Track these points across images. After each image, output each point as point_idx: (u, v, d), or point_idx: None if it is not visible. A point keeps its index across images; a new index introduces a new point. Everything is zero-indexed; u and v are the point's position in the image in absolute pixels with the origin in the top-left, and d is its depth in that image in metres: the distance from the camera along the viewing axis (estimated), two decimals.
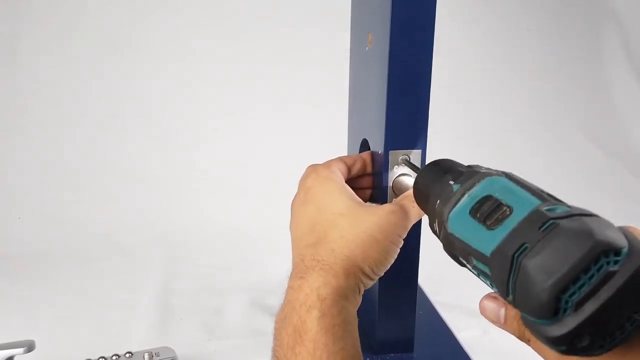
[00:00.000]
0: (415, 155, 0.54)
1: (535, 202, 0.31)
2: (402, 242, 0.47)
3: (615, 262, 0.26)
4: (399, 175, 0.54)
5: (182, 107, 1.27)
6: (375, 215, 0.46)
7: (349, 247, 0.45)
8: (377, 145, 0.55)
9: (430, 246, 0.53)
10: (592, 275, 0.26)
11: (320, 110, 1.24)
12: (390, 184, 0.54)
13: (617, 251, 0.27)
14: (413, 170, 0.51)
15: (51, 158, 1.18)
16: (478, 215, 0.33)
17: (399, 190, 0.54)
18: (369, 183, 0.58)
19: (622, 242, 0.27)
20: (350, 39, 0.67)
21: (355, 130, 0.67)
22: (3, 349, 0.57)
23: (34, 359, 0.60)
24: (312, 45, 1.29)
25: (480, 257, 0.32)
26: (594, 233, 0.27)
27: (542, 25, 1.49)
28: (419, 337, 0.62)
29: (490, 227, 0.31)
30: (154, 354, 0.63)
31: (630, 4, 1.51)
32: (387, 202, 0.54)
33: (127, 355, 0.62)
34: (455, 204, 0.35)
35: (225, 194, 1.16)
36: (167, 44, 1.28)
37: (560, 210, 0.29)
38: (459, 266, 0.38)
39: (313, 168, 0.53)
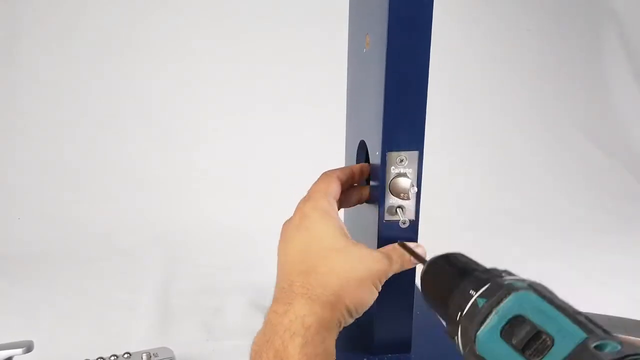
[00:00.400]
0: (412, 156, 0.54)
1: (579, 333, 0.29)
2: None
3: None
4: (396, 176, 0.54)
5: (182, 108, 1.27)
6: (365, 258, 0.48)
7: (339, 283, 0.46)
8: (375, 146, 0.55)
9: (426, 246, 0.53)
10: None
11: (321, 111, 1.24)
12: (387, 184, 0.54)
13: None
14: (418, 260, 0.49)
15: (51, 158, 1.18)
16: (513, 341, 0.31)
17: (395, 191, 0.54)
18: (356, 193, 0.59)
19: None
20: (348, 41, 0.67)
21: (353, 132, 0.67)
22: (2, 350, 0.57)
23: None
24: (312, 45, 1.29)
25: None
26: None
27: (542, 25, 1.49)
28: (416, 337, 0.62)
29: (530, 359, 0.30)
30: (152, 354, 0.63)
31: (630, 4, 1.51)
32: (384, 202, 0.54)
33: (126, 355, 0.62)
34: (483, 321, 0.33)
35: (225, 194, 1.17)
36: (167, 44, 1.28)
37: (611, 350, 0.28)
38: None
39: (311, 196, 0.53)
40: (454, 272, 0.39)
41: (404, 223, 0.54)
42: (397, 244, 0.51)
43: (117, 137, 1.23)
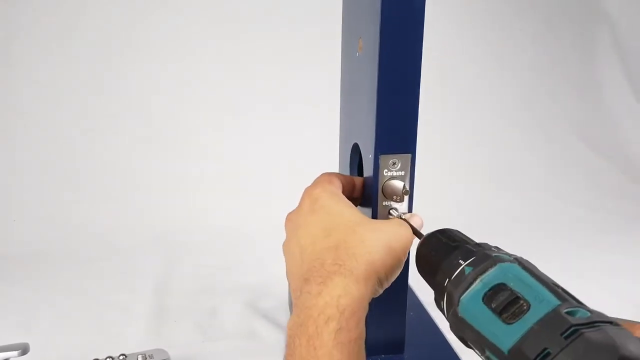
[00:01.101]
0: (405, 159, 0.54)
1: (553, 300, 0.31)
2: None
3: None
4: (389, 178, 0.54)
5: (181, 108, 1.28)
6: (390, 225, 0.48)
7: (370, 252, 0.45)
8: (368, 149, 0.55)
9: None
10: None
11: (320, 111, 1.24)
12: (380, 186, 0.54)
13: None
14: (416, 235, 0.50)
15: (50, 158, 1.19)
16: (493, 305, 0.33)
17: (388, 193, 0.54)
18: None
19: None
20: (342, 44, 0.67)
21: (346, 135, 0.67)
22: None
23: None
24: (311, 45, 1.29)
25: (496, 351, 0.32)
26: (617, 347, 0.27)
27: (535, 26, 1.49)
28: (409, 337, 0.63)
29: (506, 321, 0.32)
30: (147, 356, 0.63)
31: (622, 5, 1.51)
32: (377, 204, 0.55)
33: (121, 357, 0.62)
34: (467, 288, 0.36)
35: (223, 194, 1.17)
36: (165, 44, 1.28)
37: (581, 316, 0.30)
38: None
39: (316, 183, 0.53)
40: (447, 244, 0.41)
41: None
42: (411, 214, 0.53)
43: (116, 137, 1.23)
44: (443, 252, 0.41)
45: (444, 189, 1.20)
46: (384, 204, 0.55)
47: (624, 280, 0.92)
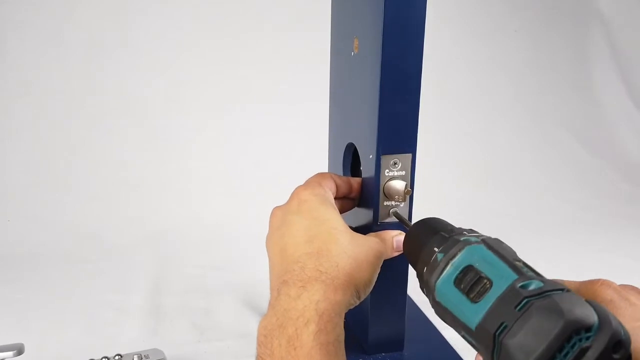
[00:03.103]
0: (405, 159, 0.54)
1: (512, 276, 0.33)
2: None
3: (587, 338, 0.28)
4: (390, 179, 0.54)
5: (170, 108, 1.27)
6: (367, 240, 0.49)
7: (350, 263, 0.46)
8: (368, 149, 0.55)
9: None
10: (567, 353, 0.28)
11: (313, 111, 1.25)
12: (382, 187, 0.55)
13: (587, 328, 0.28)
14: (404, 224, 0.53)
15: (40, 159, 1.17)
16: (462, 286, 0.35)
17: (390, 193, 0.54)
18: (347, 205, 0.60)
19: (591, 318, 0.29)
20: (331, 43, 0.67)
21: (339, 135, 0.67)
22: None
23: None
24: (300, 45, 1.29)
25: (467, 330, 0.34)
26: (564, 313, 0.29)
27: (529, 26, 1.51)
28: (408, 336, 0.63)
29: (473, 300, 0.34)
30: (143, 356, 0.62)
31: (616, 5, 1.53)
32: (378, 206, 0.55)
33: (117, 357, 0.62)
34: (440, 273, 0.37)
35: (215, 193, 1.16)
36: (155, 44, 1.27)
37: (533, 287, 0.32)
38: None
39: (307, 184, 0.53)
40: (427, 233, 0.43)
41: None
42: (392, 212, 0.55)
43: (105, 137, 1.22)
44: (422, 241, 0.42)
45: (439, 187, 1.21)
46: (385, 204, 0.55)
47: (617, 278, 0.93)
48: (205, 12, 1.28)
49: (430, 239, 0.41)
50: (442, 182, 1.26)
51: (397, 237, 0.52)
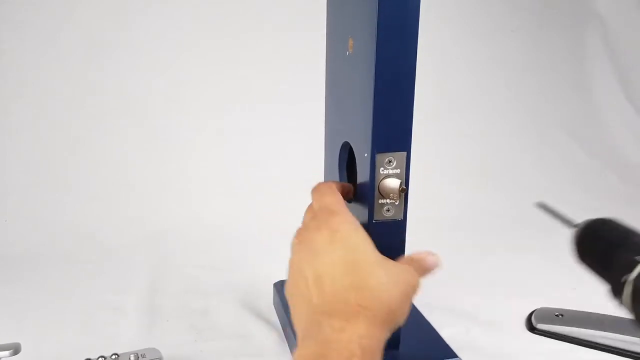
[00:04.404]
0: (400, 157, 0.54)
1: None
2: None
3: None
4: (385, 177, 0.54)
5: (170, 107, 1.27)
6: (402, 271, 0.48)
7: (390, 297, 0.46)
8: (363, 148, 0.55)
9: (415, 245, 0.54)
10: None
11: (313, 111, 1.25)
12: (377, 185, 0.55)
13: None
14: (564, 223, 0.55)
15: (38, 158, 1.18)
16: None
17: (385, 192, 0.54)
18: None
19: None
20: (327, 43, 0.67)
21: (335, 134, 0.67)
22: None
23: None
24: (297, 45, 1.29)
25: None
26: None
27: (527, 26, 1.50)
28: (404, 333, 0.63)
29: None
30: (139, 355, 0.62)
31: (613, 6, 1.53)
32: (373, 204, 0.55)
33: (113, 357, 0.62)
34: None
35: (214, 194, 1.17)
36: (153, 43, 1.27)
37: None
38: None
39: (335, 210, 0.52)
40: (613, 237, 0.44)
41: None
42: (537, 204, 0.56)
43: (105, 137, 1.22)
44: (613, 246, 0.43)
45: (435, 187, 1.21)
46: (380, 202, 0.55)
47: None
48: (205, 12, 1.28)
49: (621, 244, 0.42)
50: (442, 183, 1.26)
51: (431, 259, 0.52)
